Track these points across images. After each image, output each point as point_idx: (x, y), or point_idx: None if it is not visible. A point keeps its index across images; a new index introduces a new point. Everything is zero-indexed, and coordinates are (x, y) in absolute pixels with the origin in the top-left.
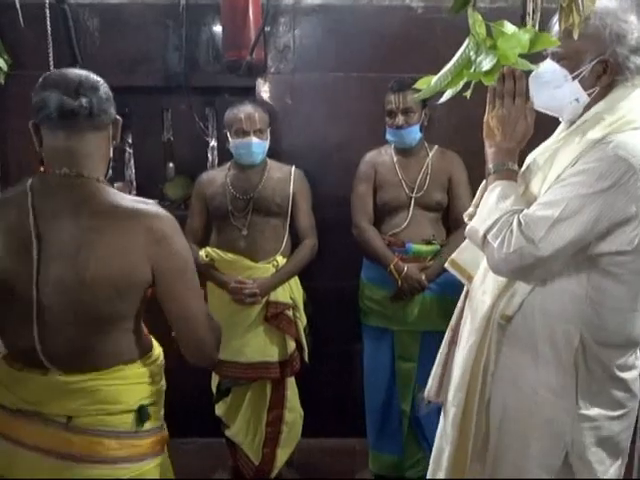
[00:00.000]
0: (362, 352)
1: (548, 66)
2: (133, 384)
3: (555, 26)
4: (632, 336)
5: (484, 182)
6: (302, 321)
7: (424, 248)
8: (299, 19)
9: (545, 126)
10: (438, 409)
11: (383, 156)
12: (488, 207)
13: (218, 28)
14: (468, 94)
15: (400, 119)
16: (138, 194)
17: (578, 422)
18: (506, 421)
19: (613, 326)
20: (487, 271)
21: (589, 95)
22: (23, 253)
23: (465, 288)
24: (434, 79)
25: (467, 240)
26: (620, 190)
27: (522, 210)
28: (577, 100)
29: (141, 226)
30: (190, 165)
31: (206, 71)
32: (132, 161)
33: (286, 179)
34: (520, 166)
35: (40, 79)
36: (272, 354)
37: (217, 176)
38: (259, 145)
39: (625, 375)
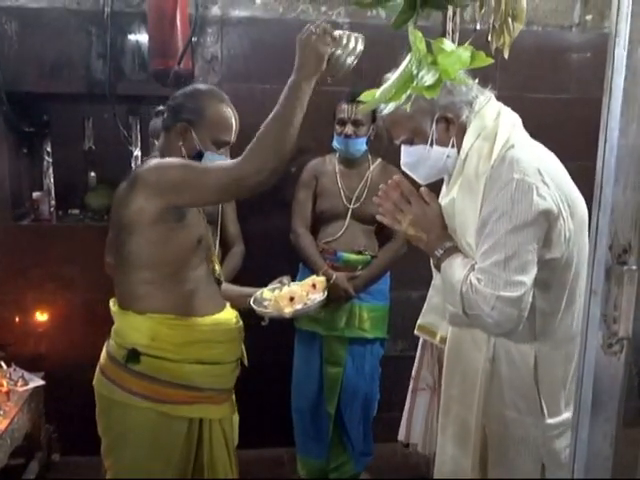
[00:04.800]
0: (291, 360)
1: (407, 151)
2: (132, 329)
3: (385, 109)
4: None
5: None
6: None
7: (354, 257)
8: (227, 30)
9: None
10: (364, 415)
11: (327, 165)
12: (450, 288)
13: (144, 36)
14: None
15: (350, 129)
16: (57, 204)
17: (548, 432)
18: (489, 450)
19: (564, 323)
20: (465, 329)
21: (452, 147)
22: None
23: (421, 340)
24: (378, 92)
25: (427, 301)
26: (535, 207)
27: (473, 266)
28: (448, 156)
29: None
30: (112, 174)
31: (131, 79)
32: (51, 170)
33: None
34: None
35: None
36: None
37: None
38: None
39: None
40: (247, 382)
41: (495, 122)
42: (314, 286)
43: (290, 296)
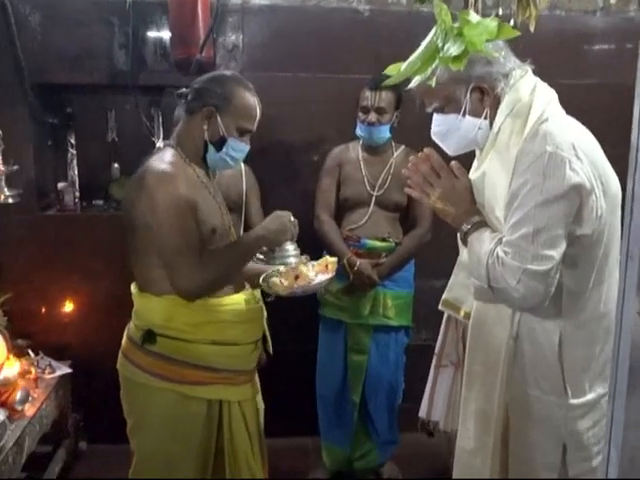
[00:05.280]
0: (316, 348)
1: (438, 120)
2: (148, 310)
3: (411, 83)
4: (607, 306)
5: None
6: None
7: (378, 244)
8: (247, 19)
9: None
10: (389, 404)
11: (350, 152)
12: (477, 261)
13: (165, 27)
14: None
15: (373, 116)
16: (81, 195)
17: (571, 413)
18: (510, 428)
19: (592, 303)
20: (490, 304)
21: (485, 118)
22: None
23: (445, 314)
24: (403, 65)
25: (452, 277)
26: (567, 180)
27: (500, 239)
28: (480, 128)
29: None
30: (135, 165)
31: (153, 70)
32: (75, 161)
33: (237, 176)
34: None
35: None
36: None
37: None
38: None
39: (610, 347)
40: (272, 370)
41: (530, 96)
42: (327, 267)
43: (295, 274)
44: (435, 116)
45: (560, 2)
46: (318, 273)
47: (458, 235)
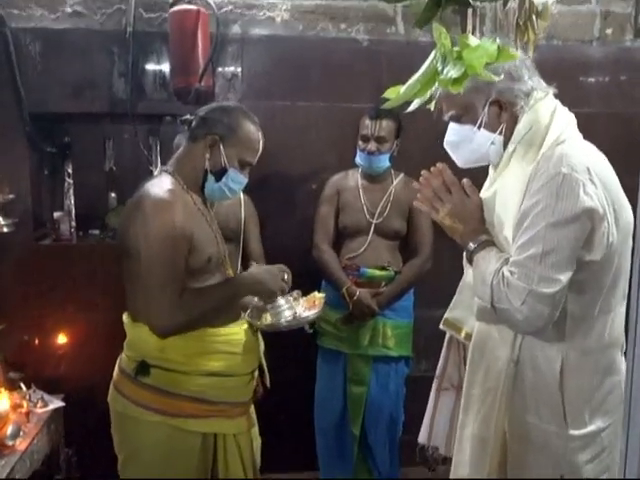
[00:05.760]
0: (314, 380)
1: (453, 129)
2: (141, 341)
3: (436, 92)
4: (613, 336)
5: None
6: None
7: (378, 273)
8: (247, 49)
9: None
10: (389, 436)
11: (349, 180)
12: (481, 280)
13: (165, 56)
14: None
15: (373, 145)
16: (78, 225)
17: (570, 444)
18: (509, 455)
19: (596, 331)
20: (491, 326)
21: (500, 134)
22: None
23: (447, 335)
24: (402, 88)
25: (456, 296)
26: (580, 204)
27: (507, 259)
28: (493, 143)
29: None
30: (132, 195)
31: (152, 98)
32: (72, 190)
33: (236, 205)
34: None
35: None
36: None
37: None
38: None
39: (612, 380)
40: (269, 403)
41: (549, 119)
42: (315, 302)
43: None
44: (451, 125)
45: (557, 32)
46: (306, 308)
47: (464, 254)
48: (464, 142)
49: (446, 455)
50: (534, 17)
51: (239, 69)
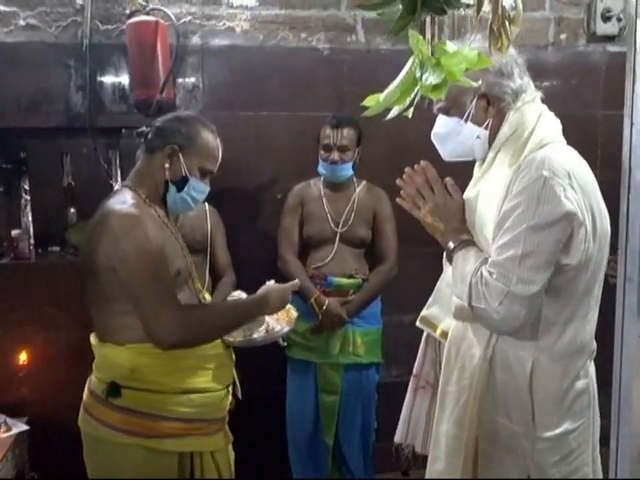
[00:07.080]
0: (284, 394)
1: (441, 121)
2: (111, 361)
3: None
4: (584, 342)
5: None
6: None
7: (345, 281)
8: (208, 59)
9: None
10: (363, 444)
11: (312, 189)
12: (460, 279)
13: (123, 68)
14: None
15: (336, 155)
16: (36, 242)
17: (538, 445)
18: (479, 453)
19: (568, 336)
20: (467, 325)
21: (485, 128)
22: None
23: (425, 334)
24: (381, 96)
25: (433, 294)
26: (561, 207)
27: (486, 259)
28: (478, 137)
29: None
30: (93, 210)
31: (112, 111)
32: (29, 208)
33: (202, 216)
34: None
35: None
36: None
37: None
38: None
39: (581, 384)
40: (239, 415)
41: (535, 122)
42: (288, 317)
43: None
44: (439, 117)
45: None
46: (276, 321)
47: (444, 252)
48: (451, 135)
49: (422, 453)
50: (507, 23)
51: (200, 80)
